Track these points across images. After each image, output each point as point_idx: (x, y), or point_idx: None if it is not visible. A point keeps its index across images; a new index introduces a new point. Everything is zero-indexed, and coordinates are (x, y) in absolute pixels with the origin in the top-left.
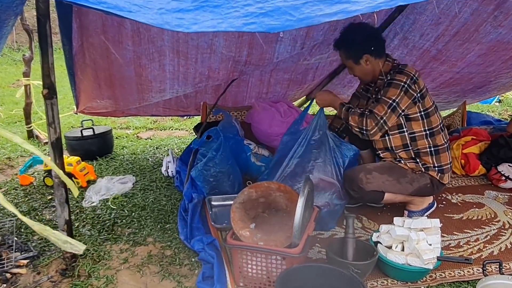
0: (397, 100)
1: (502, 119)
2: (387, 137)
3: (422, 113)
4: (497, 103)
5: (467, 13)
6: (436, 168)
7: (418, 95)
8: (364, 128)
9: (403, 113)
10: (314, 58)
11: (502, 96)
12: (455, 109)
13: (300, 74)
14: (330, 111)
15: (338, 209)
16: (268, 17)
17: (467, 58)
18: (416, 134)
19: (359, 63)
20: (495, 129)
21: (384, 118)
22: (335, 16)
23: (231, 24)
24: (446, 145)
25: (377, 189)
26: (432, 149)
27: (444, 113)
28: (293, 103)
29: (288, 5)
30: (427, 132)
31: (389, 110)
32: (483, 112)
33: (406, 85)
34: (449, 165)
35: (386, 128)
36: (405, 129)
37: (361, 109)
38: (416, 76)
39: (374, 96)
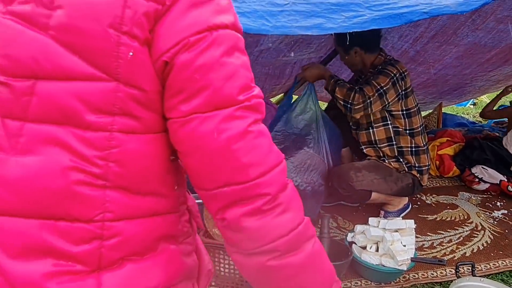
0: (384, 88)
1: (477, 122)
2: (371, 130)
3: (404, 112)
4: (472, 106)
5: (446, 16)
6: (417, 169)
7: (403, 92)
8: (349, 101)
9: (387, 106)
10: (294, 54)
11: (477, 99)
12: (431, 111)
13: (278, 69)
14: None
15: (321, 191)
16: (245, 17)
17: (444, 60)
18: (399, 129)
19: (348, 53)
20: (470, 131)
21: (372, 99)
22: (309, 30)
23: None
24: (425, 147)
25: (366, 187)
26: (413, 149)
27: None
28: (271, 99)
29: (265, 10)
30: (408, 131)
31: (377, 94)
32: (458, 114)
33: (395, 78)
34: (427, 167)
35: (370, 111)
36: (389, 122)
37: (351, 85)
38: (405, 73)
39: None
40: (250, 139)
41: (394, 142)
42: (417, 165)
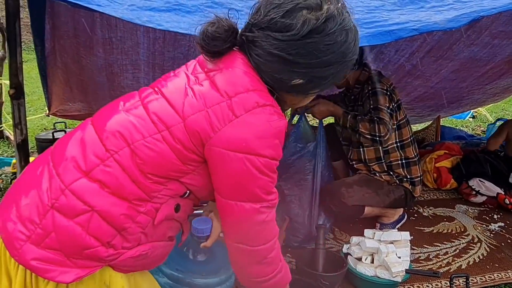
0: (390, 107)
1: (475, 135)
2: (361, 149)
3: (395, 125)
4: (471, 119)
5: (441, 31)
6: (409, 180)
7: (395, 105)
8: (377, 134)
9: (392, 127)
10: None
11: (476, 112)
12: (429, 123)
13: None
14: None
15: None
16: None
17: (440, 73)
18: (389, 147)
19: None
20: (467, 144)
21: (391, 122)
22: None
23: None
24: (416, 159)
25: (358, 203)
26: (404, 161)
27: (419, 127)
28: None
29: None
30: (398, 144)
31: (389, 116)
32: (457, 127)
33: (388, 92)
34: (419, 178)
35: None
36: (378, 143)
37: (367, 116)
38: (392, 87)
39: (351, 103)
40: (265, 226)
41: (383, 160)
42: (408, 177)
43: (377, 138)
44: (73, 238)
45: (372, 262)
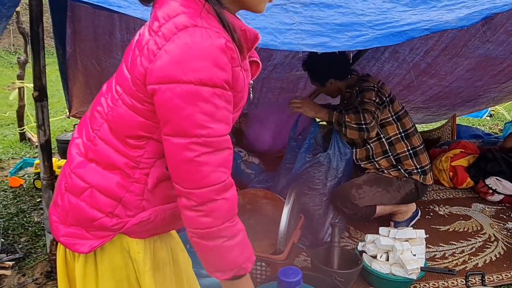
0: (377, 101)
1: (492, 133)
2: (368, 146)
3: (394, 116)
4: (488, 117)
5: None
6: (419, 170)
7: (387, 99)
8: (363, 122)
9: (378, 119)
10: None
11: (493, 110)
12: (445, 121)
13: (291, 83)
14: None
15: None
16: None
17: (456, 72)
18: (392, 138)
19: (324, 85)
20: (484, 143)
21: (377, 112)
22: (315, 48)
23: None
24: (422, 147)
25: (370, 203)
26: (411, 151)
27: (434, 126)
28: None
29: (274, 27)
30: (402, 134)
31: (377, 110)
32: (474, 126)
33: (376, 88)
34: (428, 166)
35: (377, 124)
36: (382, 135)
37: (350, 108)
38: (380, 84)
39: (344, 108)
40: (195, 166)
41: (390, 154)
42: (418, 166)
43: (363, 126)
44: (82, 213)
45: (387, 259)
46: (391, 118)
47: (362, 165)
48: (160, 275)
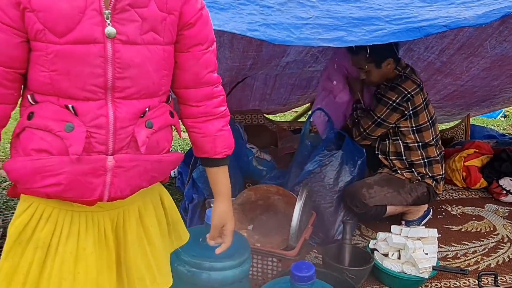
0: (382, 117)
1: (507, 134)
2: (387, 142)
3: (414, 128)
4: (503, 118)
5: (472, 28)
6: (431, 178)
7: (411, 112)
8: (353, 135)
9: (394, 125)
10: (320, 65)
11: (508, 111)
12: (458, 121)
13: (304, 80)
14: None
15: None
16: (270, 28)
17: (471, 71)
18: (409, 144)
19: (380, 67)
20: (499, 143)
21: (368, 131)
22: (331, 42)
23: (235, 27)
24: (439, 157)
25: (380, 203)
26: (426, 160)
27: (448, 125)
28: (296, 109)
29: (290, 22)
30: (420, 144)
31: (373, 125)
32: (488, 126)
33: (394, 104)
34: (442, 176)
35: (373, 137)
36: (399, 138)
37: (356, 115)
38: (412, 93)
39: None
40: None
41: (404, 157)
42: (430, 175)
43: (364, 133)
44: None
45: (399, 258)
46: (410, 129)
47: (379, 157)
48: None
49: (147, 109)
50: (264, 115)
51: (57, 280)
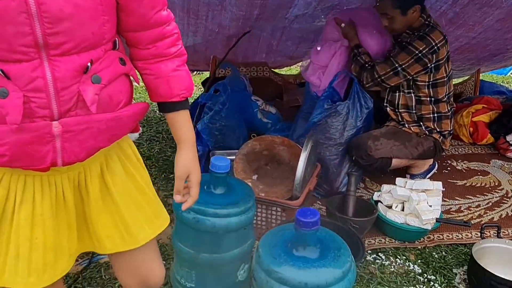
0: (403, 66)
1: None
2: (397, 94)
3: (431, 82)
4: None
5: None
6: (439, 133)
7: (433, 65)
8: (360, 79)
9: (411, 77)
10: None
11: None
12: (468, 77)
13: (312, 33)
14: None
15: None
16: None
17: (484, 22)
18: (422, 98)
19: (406, 13)
20: (508, 99)
21: (383, 77)
22: None
23: None
24: (449, 113)
25: (386, 155)
26: (436, 115)
27: (457, 81)
28: (302, 62)
29: None
30: (432, 99)
31: (391, 73)
32: (498, 83)
33: (420, 54)
34: (450, 131)
35: (386, 86)
36: (412, 91)
37: (367, 60)
38: (438, 45)
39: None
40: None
41: (414, 111)
42: (438, 129)
43: (360, 82)
44: None
45: (402, 210)
46: (426, 83)
47: (387, 109)
48: None
49: (89, 63)
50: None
51: (14, 245)
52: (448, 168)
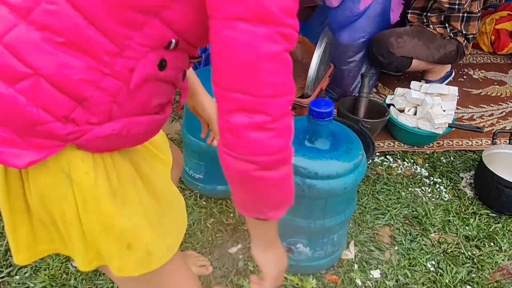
0: None
1: None
2: None
3: None
4: None
5: None
6: (464, 36)
7: None
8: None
9: None
10: None
11: None
12: None
13: None
14: None
15: None
16: None
17: None
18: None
19: None
20: None
21: None
22: None
23: None
24: (479, 14)
25: (407, 54)
26: (466, 15)
27: None
28: None
29: None
30: None
31: None
32: None
33: None
34: (474, 35)
35: None
36: None
37: None
38: None
39: None
40: (278, 64)
41: (444, 12)
42: (463, 32)
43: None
44: (18, 110)
45: (415, 114)
46: None
47: (409, 16)
48: (118, 199)
49: None
50: None
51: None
52: (464, 77)
